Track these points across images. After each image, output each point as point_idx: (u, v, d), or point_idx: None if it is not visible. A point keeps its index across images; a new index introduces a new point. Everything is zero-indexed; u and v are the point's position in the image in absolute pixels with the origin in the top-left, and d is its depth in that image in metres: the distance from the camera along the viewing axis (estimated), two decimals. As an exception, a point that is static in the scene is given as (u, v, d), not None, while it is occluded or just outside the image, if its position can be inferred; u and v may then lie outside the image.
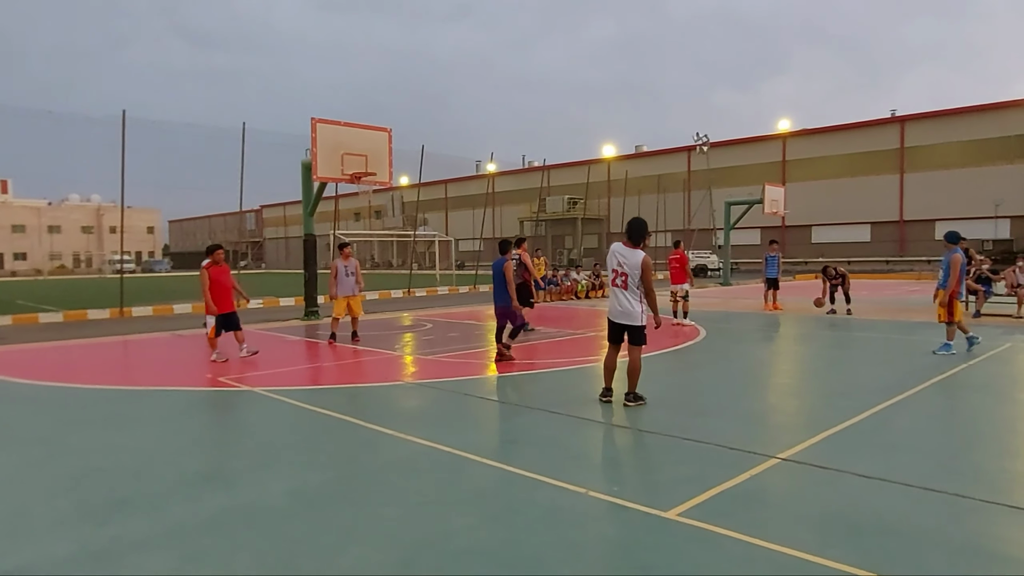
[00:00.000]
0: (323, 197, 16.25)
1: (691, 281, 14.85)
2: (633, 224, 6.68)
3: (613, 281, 6.62)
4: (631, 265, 6.51)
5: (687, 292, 14.38)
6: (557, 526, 3.77)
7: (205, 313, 9.85)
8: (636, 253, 6.55)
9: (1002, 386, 7.63)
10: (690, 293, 14.58)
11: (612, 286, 6.63)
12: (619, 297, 6.58)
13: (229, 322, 9.85)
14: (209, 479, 4.64)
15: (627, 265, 6.52)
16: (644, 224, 6.68)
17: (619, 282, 6.57)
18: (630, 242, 6.61)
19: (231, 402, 7.30)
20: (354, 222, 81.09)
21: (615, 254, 6.63)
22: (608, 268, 6.69)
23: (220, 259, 9.93)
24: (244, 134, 19.45)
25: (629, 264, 6.51)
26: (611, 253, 6.68)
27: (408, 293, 24.87)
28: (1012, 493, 4.21)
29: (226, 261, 10.20)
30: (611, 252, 6.69)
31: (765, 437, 5.54)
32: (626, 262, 6.53)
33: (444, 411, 6.72)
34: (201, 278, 9.82)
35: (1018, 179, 42.49)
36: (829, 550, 3.37)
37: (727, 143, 54.98)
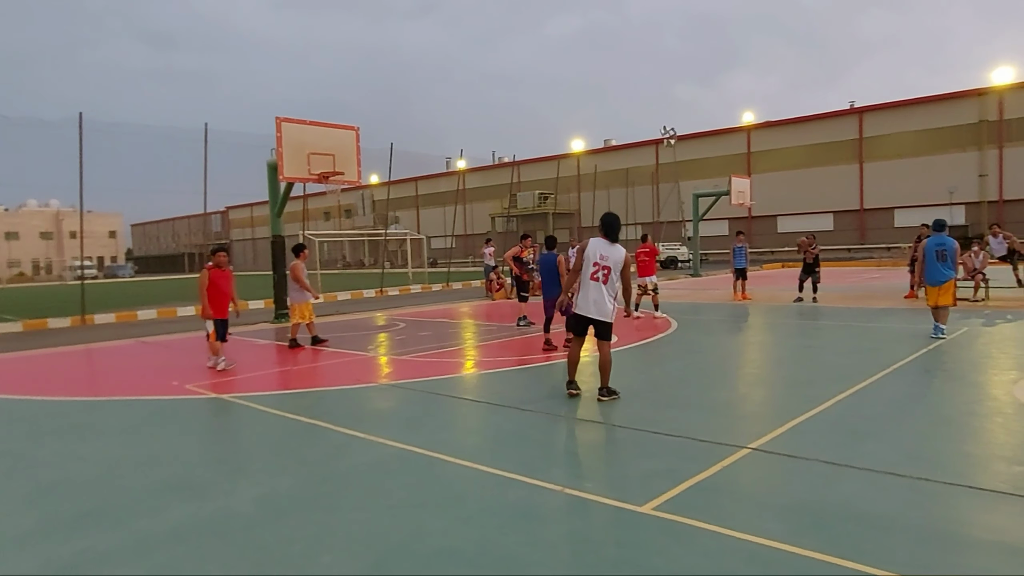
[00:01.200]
0: (291, 197, 16.04)
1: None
2: (610, 220, 6.73)
3: (593, 275, 6.61)
4: (614, 260, 6.59)
5: (656, 285, 14.54)
6: (531, 525, 3.77)
7: (201, 316, 9.47)
8: (618, 248, 6.67)
9: (961, 370, 7.83)
10: (660, 286, 14.76)
11: (590, 280, 6.61)
12: (596, 291, 6.60)
13: (220, 330, 9.40)
14: (176, 489, 4.55)
15: (610, 260, 6.59)
16: (619, 219, 6.81)
17: (600, 276, 6.59)
18: (607, 237, 6.68)
19: (199, 410, 7.17)
20: (324, 222, 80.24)
21: (597, 249, 6.65)
22: (587, 262, 6.64)
23: (223, 262, 9.46)
24: (207, 135, 19.11)
25: (612, 259, 6.59)
26: (591, 248, 6.66)
27: (380, 292, 24.69)
28: (972, 476, 4.33)
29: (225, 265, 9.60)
30: (591, 247, 6.67)
31: (735, 428, 5.62)
32: (609, 257, 6.60)
33: (416, 412, 6.68)
34: (200, 279, 9.46)
35: (970, 166, 43.69)
36: (798, 538, 3.42)
37: (693, 136, 55.58)
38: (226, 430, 6.32)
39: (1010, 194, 42.45)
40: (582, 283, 6.67)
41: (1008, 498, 3.93)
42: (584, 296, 6.66)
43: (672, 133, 51.20)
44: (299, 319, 11.43)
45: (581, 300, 6.69)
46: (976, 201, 43.49)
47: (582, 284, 6.67)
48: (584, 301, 6.66)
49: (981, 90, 43.66)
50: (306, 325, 11.48)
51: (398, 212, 74.95)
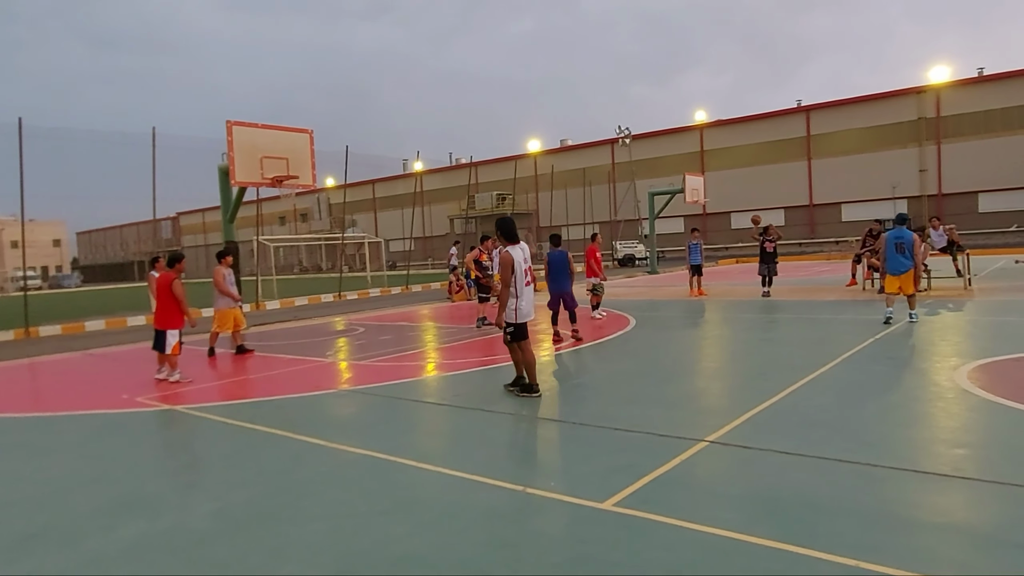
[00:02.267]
0: (244, 202, 15.72)
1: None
2: (509, 224, 6.83)
3: (527, 282, 6.74)
4: (528, 260, 6.78)
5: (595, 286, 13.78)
6: (494, 526, 3.78)
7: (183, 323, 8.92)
8: (525, 247, 6.84)
9: (905, 358, 8.12)
10: (619, 284, 14.87)
11: (526, 287, 6.73)
12: (530, 295, 6.80)
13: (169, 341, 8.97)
14: (128, 505, 4.42)
15: (529, 261, 6.77)
16: (514, 221, 6.94)
17: (529, 278, 6.79)
18: (512, 241, 6.74)
19: (150, 423, 6.98)
20: (279, 226, 78.85)
21: (519, 256, 6.69)
22: (518, 271, 6.66)
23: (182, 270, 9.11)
24: (155, 139, 18.60)
25: (529, 260, 6.79)
26: (517, 257, 6.66)
27: (339, 297, 24.39)
28: (917, 460, 4.50)
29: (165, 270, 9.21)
30: (516, 256, 6.65)
31: (693, 421, 5.72)
32: (527, 258, 6.78)
33: (377, 417, 6.63)
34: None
35: (911, 162, 45.34)
36: (754, 527, 3.51)
37: (648, 135, 56.33)
38: (179, 443, 6.17)
39: (948, 188, 44.16)
40: (520, 292, 6.69)
41: (951, 480, 4.10)
42: (528, 302, 6.77)
43: (627, 132, 51.74)
44: (218, 327, 11.11)
45: (526, 307, 6.77)
46: (917, 195, 45.12)
47: (521, 293, 6.70)
48: (529, 307, 6.78)
49: (920, 88, 45.32)
50: (233, 334, 11.22)
51: (355, 215, 74.12)
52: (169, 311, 8.85)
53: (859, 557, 3.14)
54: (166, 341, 8.81)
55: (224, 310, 11.04)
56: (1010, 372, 6.98)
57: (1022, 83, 41.64)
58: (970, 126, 43.37)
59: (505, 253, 6.67)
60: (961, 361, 7.48)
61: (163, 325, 8.85)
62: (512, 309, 6.70)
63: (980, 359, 7.54)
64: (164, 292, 8.87)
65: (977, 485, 4.02)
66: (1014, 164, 41.42)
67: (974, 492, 3.94)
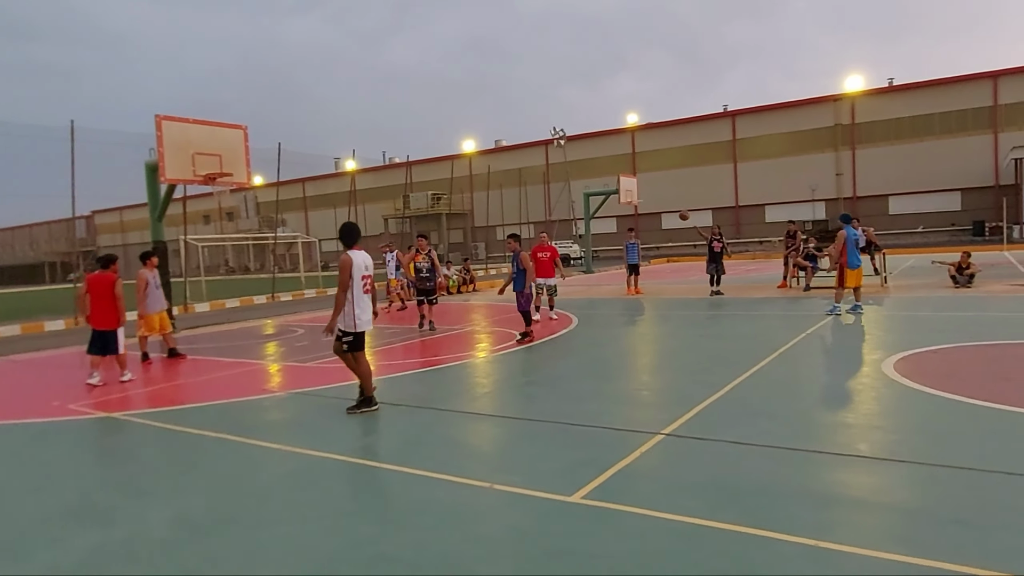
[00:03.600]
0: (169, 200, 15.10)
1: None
2: (351, 228, 6.57)
3: (365, 289, 6.45)
4: (370, 267, 6.55)
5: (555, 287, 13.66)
6: (465, 523, 3.83)
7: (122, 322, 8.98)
8: (366, 254, 6.60)
9: (835, 351, 8.62)
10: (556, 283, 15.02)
11: (364, 294, 6.44)
12: (367, 303, 6.51)
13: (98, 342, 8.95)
14: (77, 516, 4.23)
15: (370, 268, 6.54)
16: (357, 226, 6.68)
17: (368, 286, 6.50)
18: (347, 246, 6.47)
19: (88, 431, 6.66)
20: (204, 225, 75.91)
21: (361, 262, 6.43)
22: (357, 277, 6.36)
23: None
24: (73, 133, 17.63)
25: (371, 267, 6.56)
26: (357, 262, 6.37)
27: (272, 298, 23.74)
28: (855, 445, 4.81)
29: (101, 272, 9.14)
30: (356, 261, 6.38)
31: (647, 416, 5.92)
32: (369, 265, 6.53)
33: (330, 419, 6.53)
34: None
35: (828, 166, 47.82)
36: (716, 513, 3.69)
37: (581, 137, 57.19)
38: (123, 450, 5.92)
39: (863, 191, 46.77)
40: (358, 299, 6.38)
41: (887, 463, 4.41)
42: (365, 311, 6.46)
43: (561, 133, 52.40)
44: (146, 331, 10.69)
45: (365, 316, 6.46)
46: (834, 198, 47.59)
47: (358, 300, 6.39)
48: (367, 316, 6.48)
49: (836, 97, 47.82)
50: (163, 337, 10.86)
51: (285, 214, 72.16)
52: (112, 311, 8.87)
53: (814, 536, 3.35)
54: (117, 341, 8.88)
55: (150, 315, 10.58)
56: (930, 362, 7.50)
57: (928, 94, 44.55)
58: (882, 133, 46.06)
59: (345, 256, 6.35)
60: (886, 353, 7.99)
61: (109, 325, 8.86)
62: (351, 317, 6.35)
63: (902, 351, 8.07)
64: (107, 293, 8.88)
65: (910, 467, 4.34)
66: (921, 169, 44.27)
67: (907, 473, 4.25)
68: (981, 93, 42.90)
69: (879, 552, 3.17)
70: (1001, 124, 42.26)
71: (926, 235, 43.53)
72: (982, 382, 6.46)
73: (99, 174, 40.52)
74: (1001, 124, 42.26)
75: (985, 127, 42.88)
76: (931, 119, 44.36)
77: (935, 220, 44.21)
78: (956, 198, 44.01)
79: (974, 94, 43.07)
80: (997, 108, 42.44)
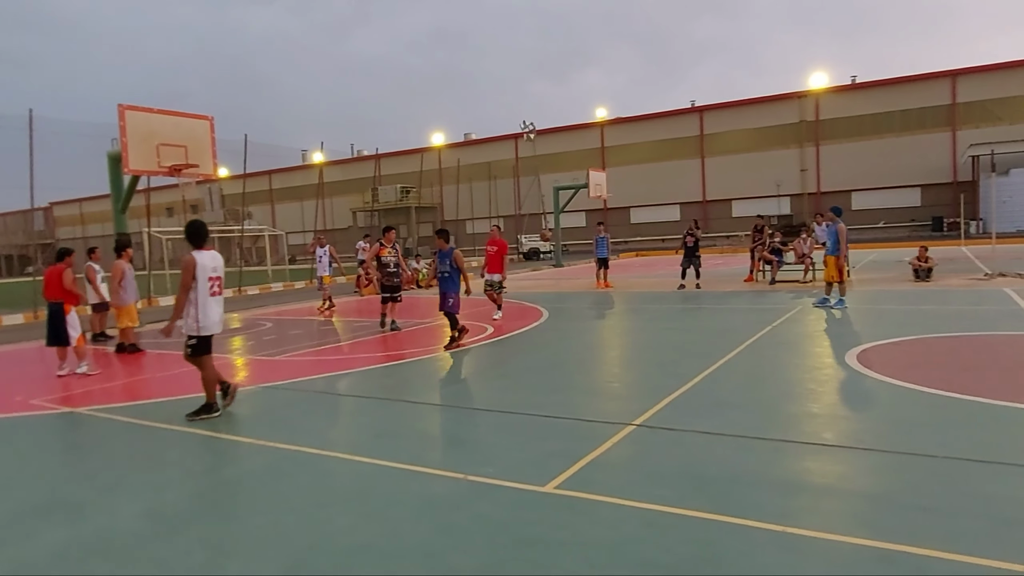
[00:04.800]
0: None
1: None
2: (196, 227, 6.33)
3: (212, 291, 6.21)
4: (221, 269, 6.39)
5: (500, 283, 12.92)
6: (440, 513, 3.84)
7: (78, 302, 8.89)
8: (219, 256, 6.43)
9: (801, 343, 8.81)
10: (527, 276, 15.08)
11: (211, 296, 6.19)
12: (218, 306, 6.31)
13: None
14: (45, 511, 4.15)
15: (220, 269, 6.36)
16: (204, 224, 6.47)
17: (217, 289, 6.31)
18: (193, 246, 6.25)
19: (53, 426, 6.51)
20: (167, 218, 74.27)
21: (207, 263, 6.19)
22: (202, 279, 6.12)
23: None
24: (31, 122, 17.09)
25: (220, 268, 6.37)
26: (202, 263, 6.13)
27: (239, 292, 23.39)
28: (820, 434, 4.94)
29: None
30: (201, 261, 6.14)
31: (617, 407, 6.00)
32: (219, 266, 6.35)
33: (301, 412, 6.49)
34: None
35: (793, 162, 48.68)
36: (687, 501, 3.77)
37: (551, 131, 57.31)
38: (90, 445, 5.80)
39: (827, 186, 47.69)
40: (203, 302, 6.13)
41: (852, 451, 4.54)
42: (210, 314, 6.22)
43: (531, 127, 52.48)
44: (129, 323, 10.63)
45: (212, 320, 6.23)
46: (799, 193, 48.49)
47: (203, 303, 6.13)
48: (212, 320, 6.25)
49: (801, 93, 48.63)
50: (120, 330, 10.71)
51: (251, 207, 70.96)
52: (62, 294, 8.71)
53: (781, 522, 3.45)
54: (67, 329, 8.69)
55: (130, 306, 10.47)
56: (892, 354, 7.73)
57: (889, 92, 45.57)
58: (845, 129, 47.01)
59: (189, 257, 6.11)
60: (850, 345, 8.20)
61: (55, 297, 8.74)
62: (194, 320, 6.12)
63: (866, 343, 8.29)
64: (56, 285, 8.69)
65: (873, 454, 4.47)
66: (882, 165, 45.32)
67: (871, 460, 4.39)
68: (940, 92, 44.05)
69: (844, 537, 3.27)
70: (959, 122, 43.46)
71: (887, 230, 44.62)
72: (942, 373, 6.68)
73: (58, 164, 39.35)
74: (959, 122, 43.46)
75: (944, 125, 44.06)
76: (892, 116, 45.42)
77: (896, 215, 45.33)
78: (916, 194, 45.17)
79: (933, 93, 44.20)
80: (955, 107, 43.63)
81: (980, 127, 42.52)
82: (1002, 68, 42.45)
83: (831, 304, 11.68)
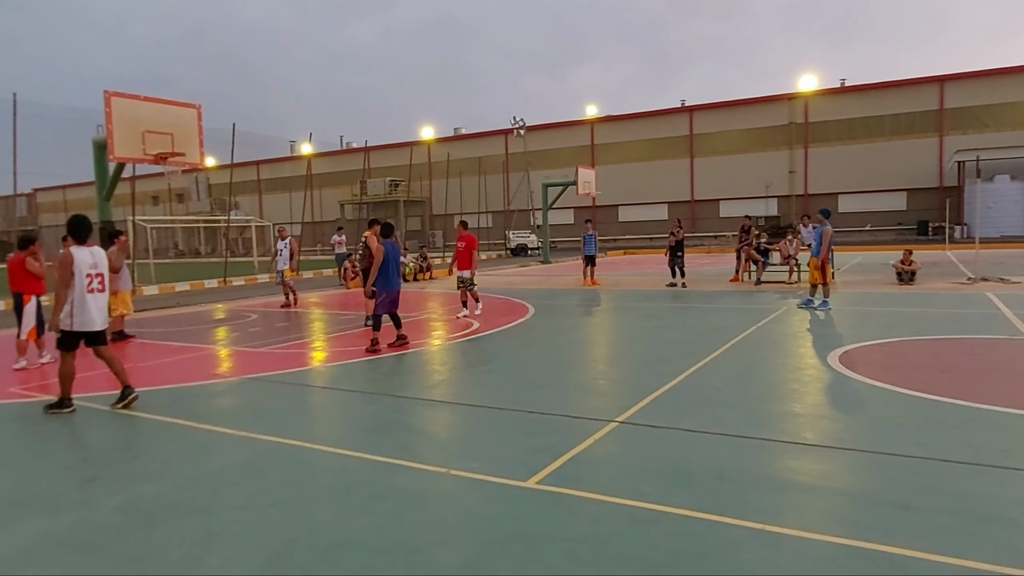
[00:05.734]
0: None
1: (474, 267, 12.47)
2: (75, 222, 6.33)
3: (90, 287, 6.15)
4: (103, 265, 6.37)
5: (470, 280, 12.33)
6: (424, 507, 3.83)
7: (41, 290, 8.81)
8: (99, 250, 6.41)
9: (785, 343, 8.86)
10: (514, 273, 15.08)
11: (88, 293, 6.12)
12: (97, 302, 6.25)
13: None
14: (20, 503, 4.09)
15: (101, 266, 6.34)
16: (86, 219, 6.42)
17: (96, 286, 6.24)
18: (81, 241, 6.27)
19: (30, 415, 6.42)
20: (152, 207, 73.57)
21: (84, 259, 6.16)
22: (79, 275, 6.08)
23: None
24: (16, 106, 16.84)
25: (101, 264, 6.35)
26: (79, 259, 6.12)
27: (224, 282, 23.20)
28: (802, 434, 4.98)
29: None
30: (78, 257, 6.12)
31: (602, 404, 6.00)
32: (99, 263, 6.34)
33: (286, 405, 6.45)
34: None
35: (782, 163, 48.93)
36: (671, 498, 3.78)
37: (541, 127, 57.24)
38: (69, 436, 5.73)
39: (814, 188, 48.00)
40: (79, 298, 6.09)
41: (835, 450, 4.57)
42: (85, 311, 6.15)
43: (522, 123, 52.37)
44: (123, 310, 10.55)
45: (86, 316, 6.15)
46: (787, 195, 48.76)
47: (79, 299, 6.09)
48: (88, 316, 6.16)
49: (791, 95, 48.87)
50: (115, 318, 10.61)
51: (238, 197, 70.42)
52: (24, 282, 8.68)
53: (764, 520, 3.46)
54: (22, 320, 8.65)
55: (125, 292, 10.40)
56: (874, 356, 7.79)
57: (878, 96, 45.89)
58: (834, 132, 47.32)
59: (66, 252, 6.11)
60: (833, 347, 8.26)
61: (17, 288, 8.73)
62: (68, 316, 6.08)
63: (849, 344, 8.36)
64: (18, 274, 8.67)
65: (855, 454, 4.51)
66: (870, 169, 45.67)
67: (852, 460, 4.42)
68: (928, 97, 44.42)
69: (825, 535, 3.29)
70: (946, 127, 43.86)
71: (873, 233, 45.00)
72: (923, 375, 6.74)
73: (42, 150, 38.86)
74: (946, 127, 43.86)
75: (931, 130, 44.45)
76: (881, 120, 45.76)
77: (882, 219, 45.72)
78: (902, 198, 45.56)
79: (922, 97, 44.57)
80: (943, 112, 44.01)
81: (967, 133, 42.94)
82: (990, 75, 42.89)
83: (815, 305, 11.75)
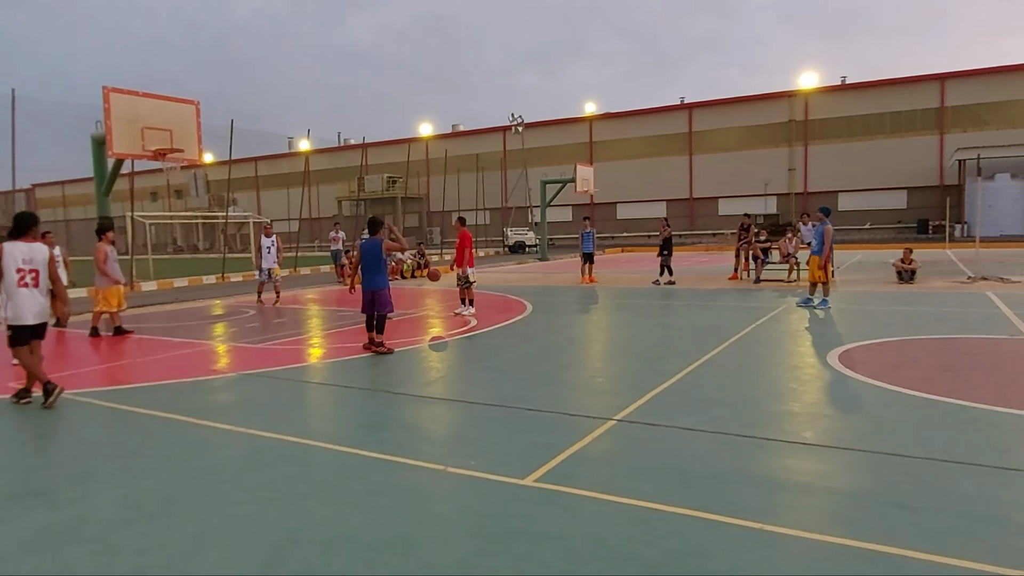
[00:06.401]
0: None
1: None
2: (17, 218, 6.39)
3: (22, 282, 6.24)
4: (39, 261, 6.40)
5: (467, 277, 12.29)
6: (421, 504, 3.83)
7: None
8: (37, 247, 6.45)
9: (784, 342, 8.86)
10: (512, 270, 15.10)
11: (20, 288, 6.23)
12: (32, 298, 6.33)
13: None
14: (17, 498, 4.09)
15: (36, 261, 6.38)
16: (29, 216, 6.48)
17: (29, 281, 6.31)
18: (13, 236, 6.32)
19: (27, 410, 6.41)
20: (151, 202, 73.45)
21: (16, 254, 6.24)
22: (9, 271, 6.19)
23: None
24: (14, 102, 16.80)
25: (38, 260, 6.39)
26: (8, 254, 6.20)
27: (222, 278, 23.19)
28: (800, 433, 4.98)
29: None
30: (8, 252, 6.20)
31: (600, 402, 6.01)
32: (36, 258, 6.38)
33: (284, 401, 6.45)
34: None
35: (781, 161, 48.93)
36: (669, 497, 3.78)
37: (539, 124, 57.20)
38: (65, 431, 5.72)
39: (814, 187, 48.01)
40: (11, 292, 6.20)
41: (831, 450, 4.58)
42: (22, 305, 6.26)
43: (520, 120, 52.30)
44: (104, 307, 10.52)
45: (19, 311, 6.25)
46: (786, 192, 48.76)
47: (11, 294, 6.20)
48: (21, 311, 6.26)
49: (790, 93, 48.83)
50: (111, 314, 10.60)
51: (236, 193, 70.34)
52: None
53: (761, 520, 3.47)
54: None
55: (109, 288, 10.37)
56: (874, 355, 7.79)
57: (878, 93, 45.87)
58: (834, 130, 47.31)
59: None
60: (832, 346, 8.27)
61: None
62: (3, 310, 6.22)
63: (848, 343, 8.36)
64: None
65: (853, 454, 4.51)
66: (870, 167, 45.66)
67: (850, 459, 4.43)
68: (929, 95, 44.40)
69: (823, 535, 3.30)
70: (947, 125, 43.85)
71: (873, 231, 45.03)
72: (923, 374, 6.75)
73: (41, 146, 38.75)
74: (947, 125, 43.85)
75: (932, 128, 44.44)
76: (881, 118, 45.74)
77: (882, 217, 45.74)
78: (902, 196, 45.56)
79: (922, 95, 44.54)
80: (944, 110, 44.01)
81: (967, 131, 42.93)
82: (991, 73, 42.88)
83: (814, 304, 11.75)
